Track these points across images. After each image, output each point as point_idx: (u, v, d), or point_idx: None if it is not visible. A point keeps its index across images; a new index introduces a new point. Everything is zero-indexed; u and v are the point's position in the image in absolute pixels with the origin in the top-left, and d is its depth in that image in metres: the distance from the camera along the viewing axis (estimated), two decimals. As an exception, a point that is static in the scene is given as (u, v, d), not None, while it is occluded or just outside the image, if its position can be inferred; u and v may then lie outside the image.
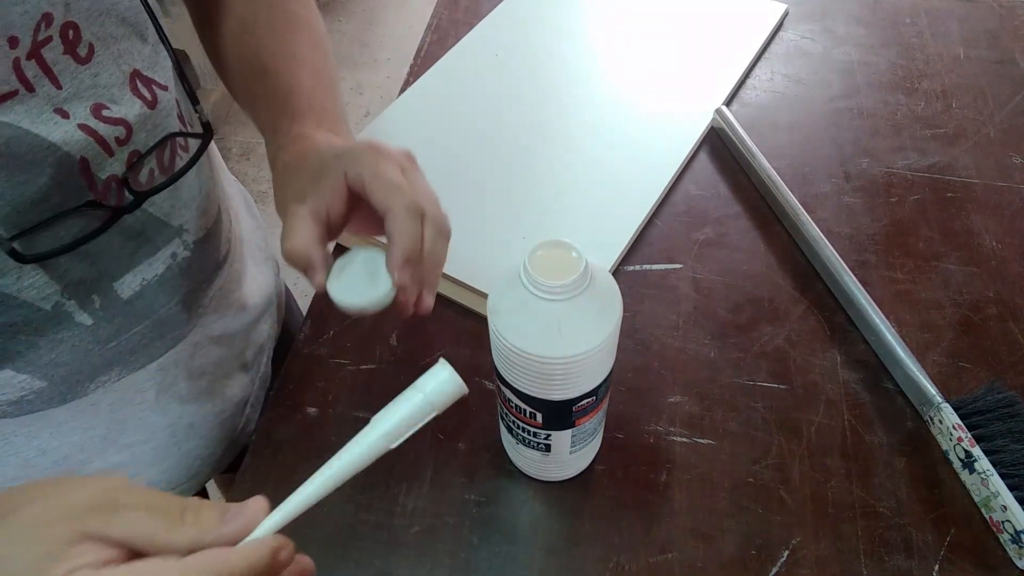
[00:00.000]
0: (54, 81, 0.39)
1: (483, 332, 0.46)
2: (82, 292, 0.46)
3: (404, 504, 0.52)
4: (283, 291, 0.74)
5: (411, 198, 0.43)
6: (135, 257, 0.48)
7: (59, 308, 0.45)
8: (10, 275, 0.41)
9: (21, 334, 0.44)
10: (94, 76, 0.42)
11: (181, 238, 0.51)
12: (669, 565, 0.50)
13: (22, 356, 0.45)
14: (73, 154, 0.41)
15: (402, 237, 0.42)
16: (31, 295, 0.43)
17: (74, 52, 0.40)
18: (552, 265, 0.40)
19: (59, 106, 0.40)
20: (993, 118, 0.77)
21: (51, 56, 0.39)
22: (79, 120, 0.41)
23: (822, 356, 0.59)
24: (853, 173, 0.72)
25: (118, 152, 0.44)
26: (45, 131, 0.39)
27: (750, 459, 0.54)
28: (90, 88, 0.42)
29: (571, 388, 0.43)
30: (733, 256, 0.66)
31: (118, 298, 0.48)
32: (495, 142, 0.73)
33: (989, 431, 0.52)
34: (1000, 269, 0.64)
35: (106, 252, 0.46)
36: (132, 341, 0.50)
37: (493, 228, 0.65)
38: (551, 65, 0.81)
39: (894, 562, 0.49)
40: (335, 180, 0.44)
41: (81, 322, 0.46)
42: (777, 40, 0.86)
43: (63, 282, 0.44)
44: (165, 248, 0.50)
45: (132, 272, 0.48)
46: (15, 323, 0.43)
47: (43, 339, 0.45)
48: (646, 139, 0.73)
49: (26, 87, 0.38)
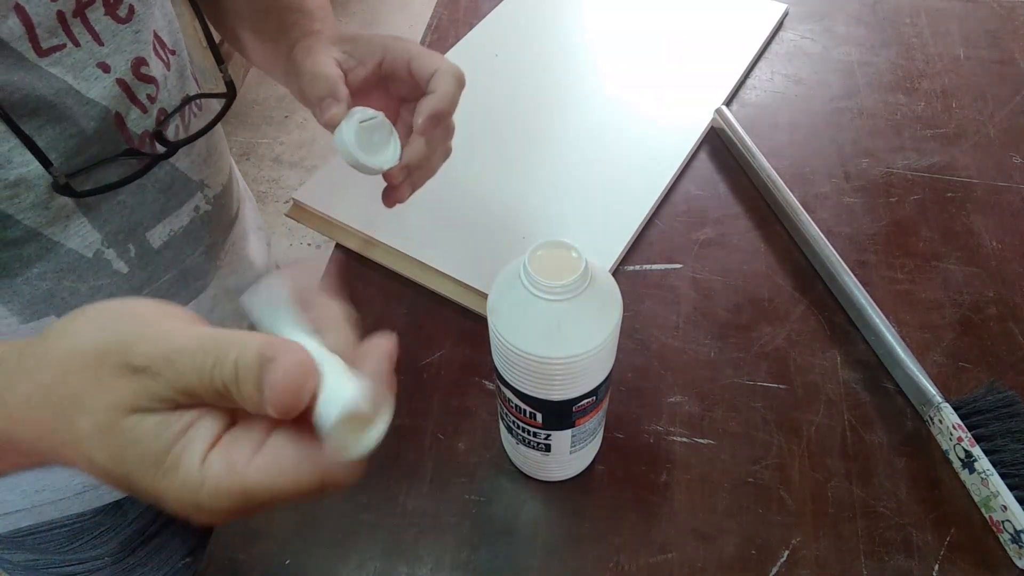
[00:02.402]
0: (96, 39, 0.43)
1: (483, 332, 0.46)
2: (120, 241, 0.50)
3: (404, 504, 0.52)
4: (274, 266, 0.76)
5: (459, 68, 0.46)
6: (165, 209, 0.52)
7: (99, 256, 0.49)
8: (59, 223, 0.45)
9: (66, 280, 0.48)
10: (135, 33, 0.46)
11: (203, 192, 0.56)
12: (669, 565, 0.50)
13: (65, 303, 0.48)
14: (110, 108, 0.45)
15: (443, 92, 0.45)
16: (76, 243, 0.47)
17: (114, 13, 0.44)
18: (552, 265, 0.40)
19: (102, 60, 0.44)
20: (993, 118, 0.77)
21: (94, 16, 0.43)
22: (118, 75, 0.45)
23: (822, 356, 0.59)
24: (853, 173, 0.72)
25: (150, 109, 0.48)
26: (86, 87, 0.43)
27: (750, 459, 0.54)
28: (131, 44, 0.45)
29: (571, 388, 0.43)
30: (733, 256, 0.66)
31: (150, 247, 0.52)
32: (495, 142, 0.72)
33: (989, 431, 0.52)
34: (1000, 269, 0.64)
35: (140, 203, 0.50)
36: (161, 289, 0.54)
37: (493, 228, 0.65)
38: (551, 65, 0.81)
39: (894, 562, 0.49)
40: (368, 51, 0.47)
41: (118, 270, 0.50)
42: (777, 40, 0.86)
43: (104, 231, 0.48)
44: (189, 201, 0.54)
45: (162, 223, 0.52)
46: (61, 269, 0.47)
47: (84, 285, 0.49)
48: (646, 139, 0.73)
49: (73, 42, 0.42)
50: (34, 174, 0.42)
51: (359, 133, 0.46)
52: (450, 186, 0.67)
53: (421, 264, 0.63)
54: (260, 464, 0.26)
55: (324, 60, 0.47)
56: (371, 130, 0.47)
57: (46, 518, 0.60)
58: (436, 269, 0.62)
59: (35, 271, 0.46)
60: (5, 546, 0.62)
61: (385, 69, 0.48)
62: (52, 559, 0.64)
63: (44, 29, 0.40)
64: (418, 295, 0.63)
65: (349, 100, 0.46)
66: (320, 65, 0.46)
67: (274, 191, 1.98)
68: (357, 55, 0.48)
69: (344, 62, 0.47)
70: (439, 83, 0.45)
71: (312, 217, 0.67)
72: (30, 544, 0.61)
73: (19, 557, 0.64)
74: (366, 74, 0.48)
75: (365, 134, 0.46)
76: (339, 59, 0.47)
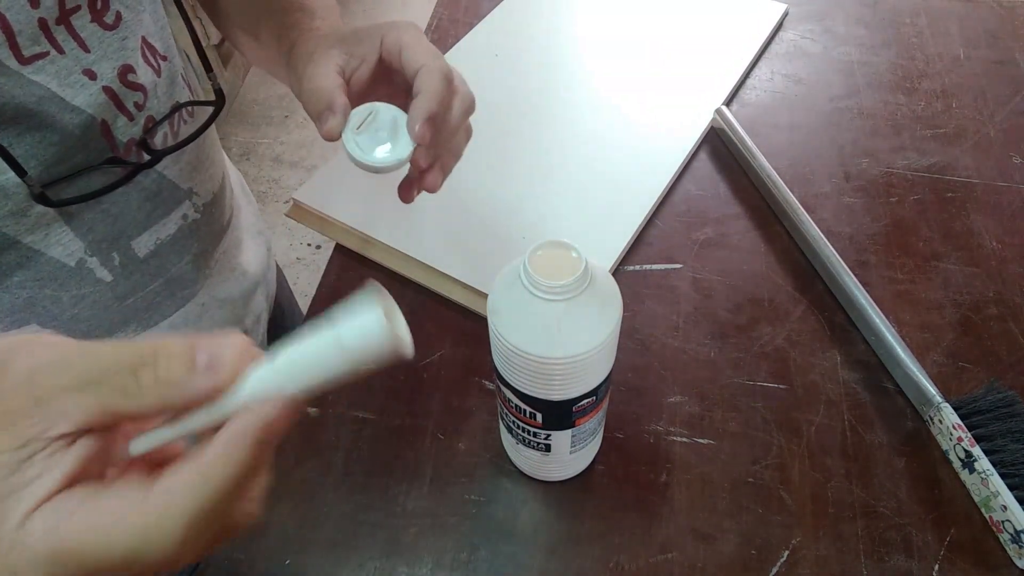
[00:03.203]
0: (82, 46, 0.42)
1: (483, 332, 0.46)
2: (103, 249, 0.49)
3: (404, 504, 0.52)
4: (274, 270, 0.76)
5: (445, 63, 0.44)
6: (151, 217, 0.51)
7: (82, 264, 0.48)
8: (39, 231, 0.44)
9: (47, 288, 0.47)
10: (122, 39, 0.45)
11: (191, 200, 0.54)
12: (669, 565, 0.50)
13: (47, 311, 0.48)
14: (96, 116, 0.44)
15: (430, 92, 0.43)
16: (57, 252, 0.46)
17: (101, 20, 0.43)
18: (552, 265, 0.40)
19: (88, 67, 0.43)
20: (993, 118, 0.77)
21: (79, 23, 0.42)
22: (105, 82, 0.44)
23: (822, 356, 0.59)
24: (853, 173, 0.72)
25: (137, 117, 0.47)
26: (71, 94, 0.42)
27: (750, 459, 0.54)
28: (118, 51, 0.45)
29: (571, 388, 0.43)
30: (733, 256, 0.66)
31: (135, 256, 0.51)
32: (495, 142, 0.72)
33: (989, 431, 0.52)
34: (1000, 269, 0.64)
35: (125, 212, 0.49)
36: (147, 298, 0.53)
37: (493, 228, 0.65)
38: (551, 65, 0.81)
39: (894, 562, 0.49)
40: (369, 46, 0.46)
41: (102, 278, 0.49)
42: (777, 40, 0.86)
43: (87, 239, 0.47)
44: (177, 209, 0.53)
45: (148, 231, 0.51)
46: (42, 277, 0.46)
47: (67, 294, 0.48)
48: (646, 139, 0.73)
49: (57, 50, 0.41)
50: (11, 182, 0.41)
51: (360, 136, 0.45)
52: (450, 186, 0.67)
53: (421, 264, 0.63)
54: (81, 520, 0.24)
55: (322, 71, 0.45)
56: (373, 128, 0.45)
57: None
58: (436, 269, 0.62)
59: (15, 280, 0.45)
60: None
61: (383, 61, 0.47)
62: None
63: (25, 37, 0.39)
64: (418, 295, 0.63)
65: (346, 108, 0.44)
66: (316, 79, 0.45)
67: (274, 191, 1.98)
68: (359, 53, 0.47)
69: (346, 64, 0.46)
70: (424, 82, 0.44)
71: (312, 217, 0.67)
72: None
73: None
74: (369, 71, 0.47)
75: (367, 134, 0.45)
76: (340, 62, 0.46)
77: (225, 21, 0.59)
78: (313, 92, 0.45)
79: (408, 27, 0.46)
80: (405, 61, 0.45)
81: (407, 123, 0.44)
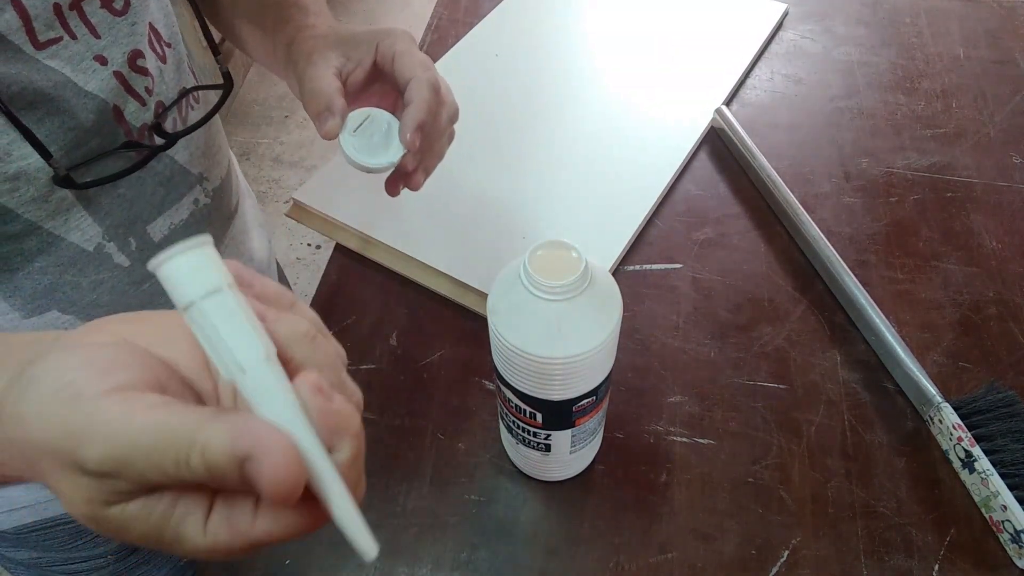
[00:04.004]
0: (93, 31, 0.43)
1: (483, 332, 0.46)
2: (120, 235, 0.50)
3: (404, 504, 0.52)
4: (275, 266, 0.77)
5: (435, 74, 0.47)
6: (165, 202, 0.52)
7: (100, 250, 0.49)
8: (59, 217, 0.45)
9: (67, 274, 0.48)
10: (131, 25, 0.46)
11: (202, 185, 0.56)
12: (669, 565, 0.50)
13: (67, 296, 0.49)
14: (108, 101, 0.45)
15: (421, 102, 0.46)
16: (76, 237, 0.47)
17: (111, 6, 0.44)
18: (552, 265, 0.40)
19: (99, 53, 0.44)
20: (993, 118, 0.77)
21: (89, 9, 0.43)
22: (115, 67, 0.45)
23: (822, 356, 0.59)
24: (853, 173, 0.72)
25: (148, 101, 0.48)
26: (84, 80, 0.43)
27: (750, 459, 0.54)
28: (128, 36, 0.45)
29: (571, 388, 0.43)
30: (733, 256, 0.66)
31: (151, 240, 0.52)
32: (495, 142, 0.72)
33: (989, 431, 0.52)
34: (1000, 269, 0.64)
35: (140, 196, 0.50)
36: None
37: (493, 228, 0.65)
38: (551, 65, 0.81)
39: (894, 562, 0.49)
40: (365, 51, 0.48)
41: (119, 263, 0.51)
42: (777, 40, 0.86)
43: (104, 224, 0.48)
44: (189, 194, 0.55)
45: (163, 216, 0.53)
46: (62, 263, 0.47)
47: (86, 279, 0.49)
48: (646, 139, 0.73)
49: (69, 35, 0.42)
50: (34, 167, 0.42)
51: (356, 138, 0.47)
52: (450, 186, 0.67)
53: (421, 264, 0.63)
54: (263, 525, 0.26)
55: (322, 73, 0.47)
56: (368, 132, 0.48)
57: (51, 515, 0.60)
58: (436, 269, 0.62)
59: (36, 265, 0.46)
60: (9, 543, 0.62)
61: (377, 66, 0.49)
62: (55, 556, 0.64)
63: (41, 22, 0.40)
64: (418, 295, 0.63)
65: (344, 110, 0.47)
66: (316, 80, 0.47)
67: (274, 191, 1.98)
68: (355, 57, 0.49)
69: (343, 67, 0.48)
70: (415, 93, 0.46)
71: (312, 217, 0.67)
72: (34, 541, 0.62)
73: (23, 555, 0.64)
74: (364, 75, 0.49)
75: (362, 137, 0.48)
76: (338, 65, 0.48)
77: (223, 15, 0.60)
78: (313, 93, 0.47)
79: (402, 36, 0.49)
80: (397, 69, 0.47)
81: (399, 130, 0.47)
